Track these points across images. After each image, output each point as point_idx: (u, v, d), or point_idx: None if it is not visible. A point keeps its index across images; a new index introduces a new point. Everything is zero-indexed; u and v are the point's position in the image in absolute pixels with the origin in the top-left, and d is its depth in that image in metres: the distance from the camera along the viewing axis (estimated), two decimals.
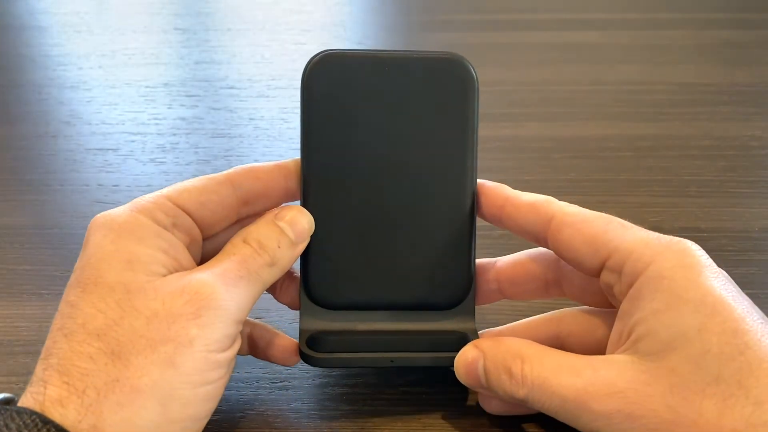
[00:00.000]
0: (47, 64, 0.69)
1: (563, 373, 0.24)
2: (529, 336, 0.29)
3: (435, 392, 0.31)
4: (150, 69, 0.68)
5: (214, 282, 0.25)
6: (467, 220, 0.29)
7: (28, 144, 0.54)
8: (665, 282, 0.24)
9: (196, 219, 0.28)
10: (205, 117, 0.58)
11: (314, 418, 0.30)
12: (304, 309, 0.30)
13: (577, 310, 0.30)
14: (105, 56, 0.71)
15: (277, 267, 0.27)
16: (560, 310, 0.30)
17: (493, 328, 0.31)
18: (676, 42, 0.74)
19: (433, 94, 0.29)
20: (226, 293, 0.25)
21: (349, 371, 0.32)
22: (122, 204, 0.27)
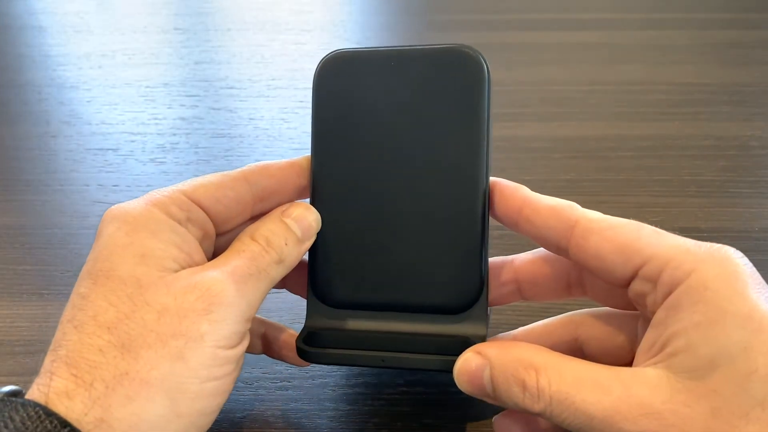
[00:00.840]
0: (47, 64, 0.69)
1: (587, 388, 0.22)
2: (547, 340, 0.28)
3: (435, 392, 0.31)
4: (150, 69, 0.68)
5: (225, 279, 0.25)
6: (478, 220, 0.28)
7: (28, 144, 0.54)
8: (708, 293, 0.22)
9: (211, 214, 0.28)
10: (205, 117, 0.58)
11: (314, 418, 0.30)
12: (311, 306, 0.30)
13: (598, 313, 0.28)
14: (105, 56, 0.71)
15: (285, 264, 0.27)
16: (579, 312, 0.29)
17: (508, 332, 0.30)
18: (676, 42, 0.74)
19: (442, 89, 0.28)
20: (236, 290, 0.25)
21: (350, 371, 0.32)
22: None
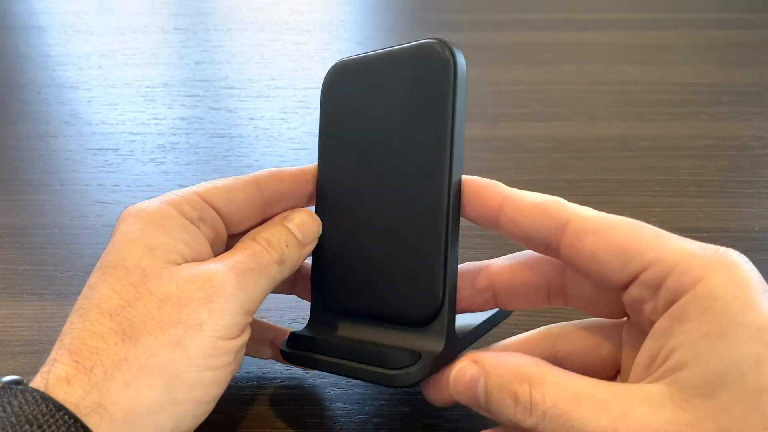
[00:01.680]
0: (47, 64, 0.69)
1: (584, 405, 0.21)
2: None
3: None
4: (150, 69, 0.68)
5: (226, 271, 0.25)
6: (440, 224, 0.26)
7: (28, 144, 0.54)
8: (718, 303, 0.21)
9: (223, 215, 0.28)
10: (205, 117, 0.58)
11: (314, 418, 0.30)
12: (312, 311, 0.30)
13: (578, 325, 0.27)
14: (105, 56, 0.71)
15: (286, 265, 0.27)
16: (557, 325, 0.27)
17: (486, 348, 0.28)
18: (676, 42, 0.74)
19: (413, 86, 0.27)
20: (237, 282, 0.25)
21: None
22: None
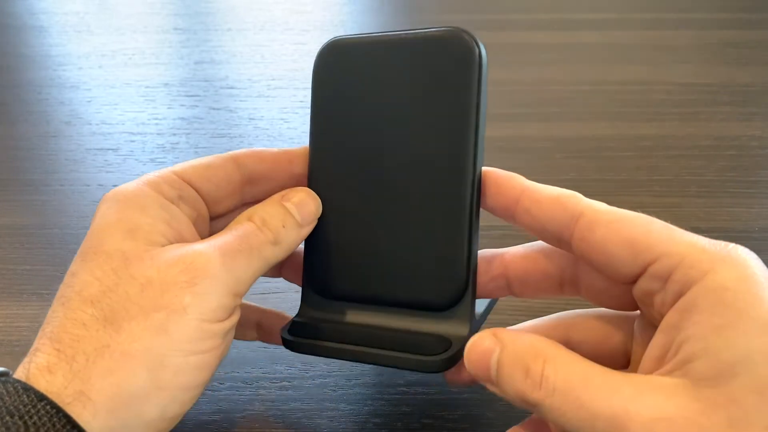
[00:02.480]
0: (47, 64, 0.69)
1: (596, 386, 0.21)
2: None
3: (435, 392, 0.31)
4: (150, 69, 0.68)
5: (211, 253, 0.24)
6: (464, 213, 0.26)
7: (28, 144, 0.54)
8: (729, 294, 0.21)
9: (202, 193, 0.28)
10: (205, 117, 0.58)
11: (314, 418, 0.30)
12: (304, 296, 0.29)
13: (590, 314, 0.27)
14: (105, 56, 0.71)
15: (281, 246, 0.27)
16: (570, 313, 0.28)
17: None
18: (676, 42, 0.74)
19: (433, 74, 0.27)
20: (222, 264, 0.24)
21: (351, 370, 0.32)
22: None
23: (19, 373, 0.22)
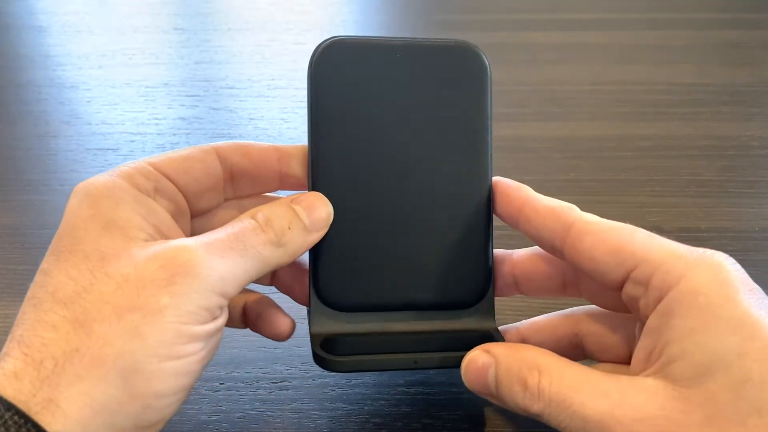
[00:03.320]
0: (47, 64, 0.69)
1: (586, 392, 0.22)
2: (550, 334, 0.29)
3: (435, 392, 0.31)
4: (150, 69, 0.68)
5: (196, 249, 0.23)
6: (484, 214, 0.28)
7: (28, 144, 0.54)
8: (701, 298, 0.22)
9: (180, 186, 0.26)
10: (205, 117, 0.58)
11: (314, 418, 0.30)
12: (315, 311, 0.28)
13: (597, 311, 0.29)
14: (105, 56, 0.71)
15: (285, 250, 0.25)
16: (579, 308, 0.29)
17: (513, 324, 0.30)
18: (676, 42, 0.74)
19: (448, 84, 0.28)
20: (208, 262, 0.22)
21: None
22: None
23: None
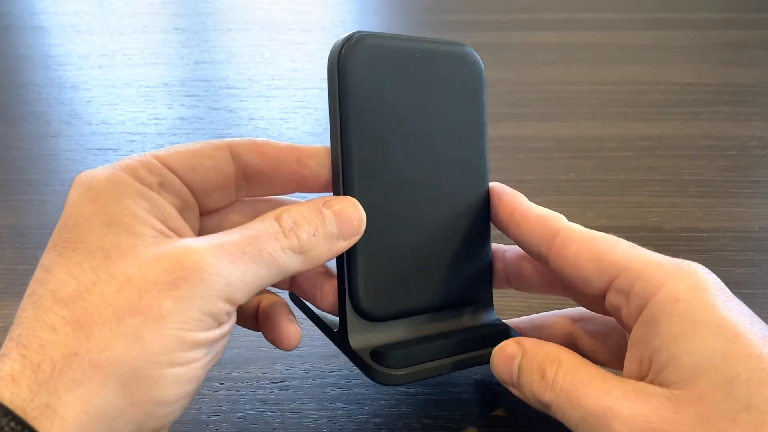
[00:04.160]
0: (47, 64, 0.69)
1: (593, 386, 0.23)
2: (544, 331, 0.30)
3: (435, 392, 0.31)
4: (150, 69, 0.68)
5: (205, 251, 0.21)
6: (485, 214, 0.29)
7: (28, 144, 0.54)
8: (681, 305, 0.23)
9: (187, 183, 0.25)
10: (205, 117, 0.58)
11: (314, 418, 0.30)
12: (350, 321, 0.27)
13: (592, 314, 0.29)
14: (105, 56, 0.71)
15: (307, 257, 0.24)
16: (575, 309, 0.30)
17: (510, 321, 0.31)
18: (676, 42, 0.74)
19: (454, 86, 0.28)
20: (215, 266, 0.21)
21: (351, 370, 0.32)
22: None
23: None
